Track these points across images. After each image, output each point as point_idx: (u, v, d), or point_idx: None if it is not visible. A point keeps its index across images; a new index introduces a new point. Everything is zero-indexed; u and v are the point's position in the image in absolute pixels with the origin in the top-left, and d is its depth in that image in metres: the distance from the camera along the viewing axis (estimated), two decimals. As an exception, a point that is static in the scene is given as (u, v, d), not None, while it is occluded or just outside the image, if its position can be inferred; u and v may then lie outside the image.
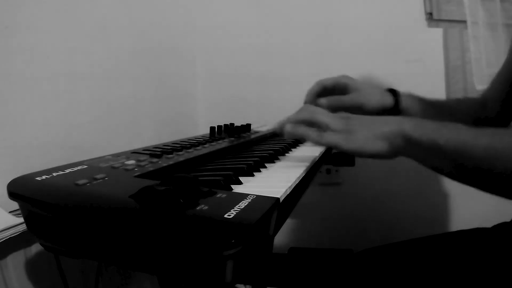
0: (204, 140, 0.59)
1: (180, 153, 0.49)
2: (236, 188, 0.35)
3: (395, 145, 0.43)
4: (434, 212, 1.20)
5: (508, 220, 0.62)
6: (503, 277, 0.47)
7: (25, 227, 0.35)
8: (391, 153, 0.44)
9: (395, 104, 0.64)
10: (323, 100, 0.62)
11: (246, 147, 0.64)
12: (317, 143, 0.46)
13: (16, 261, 0.50)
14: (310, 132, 0.47)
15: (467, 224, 0.64)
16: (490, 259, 0.51)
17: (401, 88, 0.69)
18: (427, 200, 1.21)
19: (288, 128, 0.48)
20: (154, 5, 0.95)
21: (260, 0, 1.21)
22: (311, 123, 0.48)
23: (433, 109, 0.66)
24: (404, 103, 0.64)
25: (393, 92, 0.65)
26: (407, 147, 0.42)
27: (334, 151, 0.80)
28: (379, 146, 0.43)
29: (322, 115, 0.48)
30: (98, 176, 0.33)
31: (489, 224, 0.62)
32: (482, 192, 0.41)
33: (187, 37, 1.18)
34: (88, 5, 0.70)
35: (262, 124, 0.94)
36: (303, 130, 0.47)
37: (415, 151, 0.42)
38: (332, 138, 0.45)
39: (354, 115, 0.49)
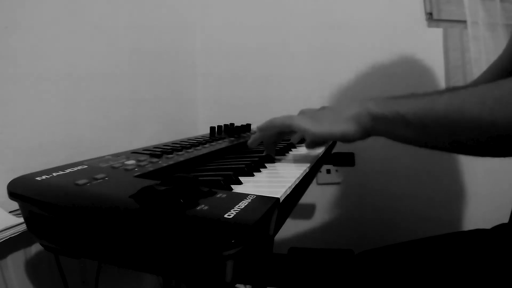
0: (204, 140, 0.59)
1: (180, 153, 0.49)
2: (236, 188, 0.35)
3: (363, 125, 0.45)
4: (434, 212, 1.20)
5: (506, 221, 0.62)
6: (503, 278, 0.47)
7: (25, 227, 0.35)
8: (361, 133, 0.45)
9: None
10: None
11: (246, 147, 0.64)
12: (287, 124, 0.49)
13: (16, 261, 0.50)
14: (277, 118, 0.50)
15: (467, 225, 0.64)
16: (489, 260, 0.51)
17: (401, 88, 0.69)
18: (427, 201, 1.21)
19: (259, 126, 0.52)
20: (154, 5, 0.95)
21: (260, 1, 1.21)
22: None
23: None
24: None
25: None
26: (375, 125, 0.44)
27: (334, 150, 0.80)
28: (347, 127, 0.45)
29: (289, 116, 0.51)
30: (98, 176, 0.33)
31: (488, 225, 0.62)
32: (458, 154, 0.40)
33: (187, 37, 1.18)
34: (88, 5, 0.70)
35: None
36: (270, 119, 0.51)
37: (382, 126, 0.44)
38: (301, 121, 0.48)
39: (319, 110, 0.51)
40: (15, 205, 0.33)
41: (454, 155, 1.16)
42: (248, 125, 0.78)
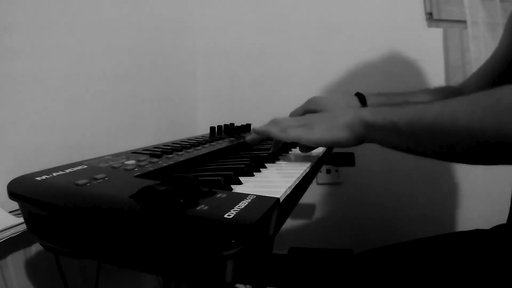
0: (204, 140, 0.59)
1: (180, 153, 0.49)
2: (236, 188, 0.35)
3: (356, 133, 0.46)
4: (434, 212, 1.20)
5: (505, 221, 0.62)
6: (502, 278, 0.47)
7: (25, 227, 0.35)
8: (354, 140, 0.46)
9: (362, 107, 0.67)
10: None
11: (246, 147, 0.64)
12: (280, 139, 0.51)
13: (16, 261, 0.51)
14: (273, 129, 0.51)
15: (466, 225, 0.65)
16: (489, 261, 0.51)
17: (401, 88, 0.69)
18: (427, 201, 1.21)
19: (254, 129, 0.54)
20: (154, 5, 0.95)
21: (259, 1, 1.21)
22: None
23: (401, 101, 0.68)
24: (370, 103, 0.67)
25: (359, 95, 0.68)
26: (368, 132, 0.45)
27: (334, 150, 0.80)
28: (340, 135, 0.46)
29: (284, 120, 0.53)
30: (98, 176, 0.33)
31: (488, 226, 0.63)
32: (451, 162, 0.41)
33: (187, 37, 1.18)
34: (87, 5, 0.70)
35: (262, 124, 0.94)
36: (266, 127, 0.52)
37: (375, 134, 0.45)
38: (293, 132, 0.49)
39: (314, 114, 0.52)
40: (15, 205, 0.33)
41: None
42: (248, 125, 0.78)
